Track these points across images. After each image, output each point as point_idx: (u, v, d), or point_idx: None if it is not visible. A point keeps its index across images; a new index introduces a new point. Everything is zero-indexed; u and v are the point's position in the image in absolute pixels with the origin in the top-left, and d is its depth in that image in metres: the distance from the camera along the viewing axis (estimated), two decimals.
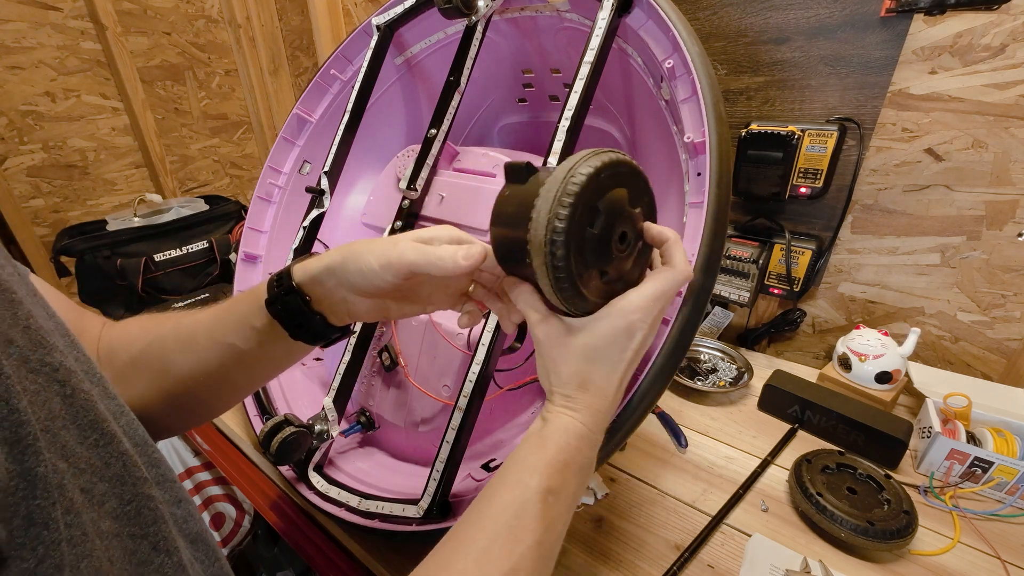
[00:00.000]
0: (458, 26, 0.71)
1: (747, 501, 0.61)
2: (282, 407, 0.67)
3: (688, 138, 0.47)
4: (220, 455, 0.77)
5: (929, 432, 0.64)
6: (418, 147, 0.66)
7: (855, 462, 0.61)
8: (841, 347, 0.79)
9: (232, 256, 1.13)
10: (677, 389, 0.82)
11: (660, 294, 0.34)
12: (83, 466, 0.22)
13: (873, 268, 0.83)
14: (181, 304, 1.08)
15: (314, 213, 0.69)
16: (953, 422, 0.65)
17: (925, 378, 0.74)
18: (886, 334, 0.77)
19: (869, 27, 0.71)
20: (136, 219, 1.08)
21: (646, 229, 0.35)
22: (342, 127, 0.70)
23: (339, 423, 0.59)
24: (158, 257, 1.06)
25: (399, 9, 0.70)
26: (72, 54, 1.14)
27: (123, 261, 1.01)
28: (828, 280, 0.88)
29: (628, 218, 0.33)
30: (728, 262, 0.89)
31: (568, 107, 0.51)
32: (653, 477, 0.65)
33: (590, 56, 0.52)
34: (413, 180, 0.65)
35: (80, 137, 1.19)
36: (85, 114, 1.19)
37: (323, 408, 0.59)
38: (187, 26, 1.33)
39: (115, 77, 1.21)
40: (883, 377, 0.74)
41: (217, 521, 0.99)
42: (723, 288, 0.90)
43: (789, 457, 0.66)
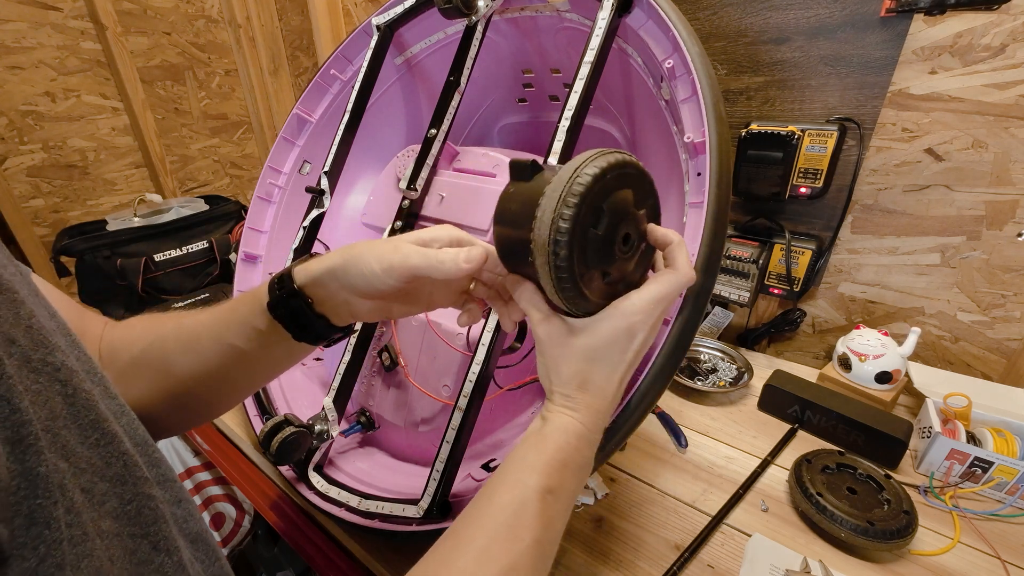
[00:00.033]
0: (458, 26, 0.71)
1: (747, 501, 0.61)
2: (282, 407, 0.67)
3: (688, 138, 0.47)
4: (220, 455, 0.77)
5: (929, 432, 0.64)
6: (418, 147, 0.67)
7: (855, 462, 0.61)
8: (841, 347, 0.79)
9: (232, 256, 1.13)
10: (677, 389, 0.82)
11: (662, 296, 0.34)
12: (84, 466, 0.22)
13: (873, 268, 0.83)
14: (181, 304, 1.08)
15: (314, 213, 0.69)
16: (953, 422, 0.65)
17: (925, 378, 0.74)
18: (886, 334, 0.77)
19: (869, 27, 0.71)
20: (136, 219, 1.08)
21: (650, 231, 0.35)
22: (342, 127, 0.70)
23: (339, 423, 0.59)
24: (158, 257, 1.06)
25: (399, 9, 0.70)
26: (72, 54, 1.14)
27: (123, 261, 1.02)
28: (828, 280, 0.88)
29: (632, 220, 0.33)
30: (728, 262, 0.89)
31: (568, 107, 0.51)
32: (653, 477, 0.65)
33: (590, 56, 0.52)
34: (413, 180, 0.65)
35: (80, 137, 1.19)
36: (85, 114, 1.19)
37: (323, 408, 0.59)
38: (187, 26, 1.33)
39: (115, 77, 1.21)
40: (883, 377, 0.74)
41: (217, 521, 0.99)
42: (723, 288, 0.90)
43: (789, 457, 0.66)
